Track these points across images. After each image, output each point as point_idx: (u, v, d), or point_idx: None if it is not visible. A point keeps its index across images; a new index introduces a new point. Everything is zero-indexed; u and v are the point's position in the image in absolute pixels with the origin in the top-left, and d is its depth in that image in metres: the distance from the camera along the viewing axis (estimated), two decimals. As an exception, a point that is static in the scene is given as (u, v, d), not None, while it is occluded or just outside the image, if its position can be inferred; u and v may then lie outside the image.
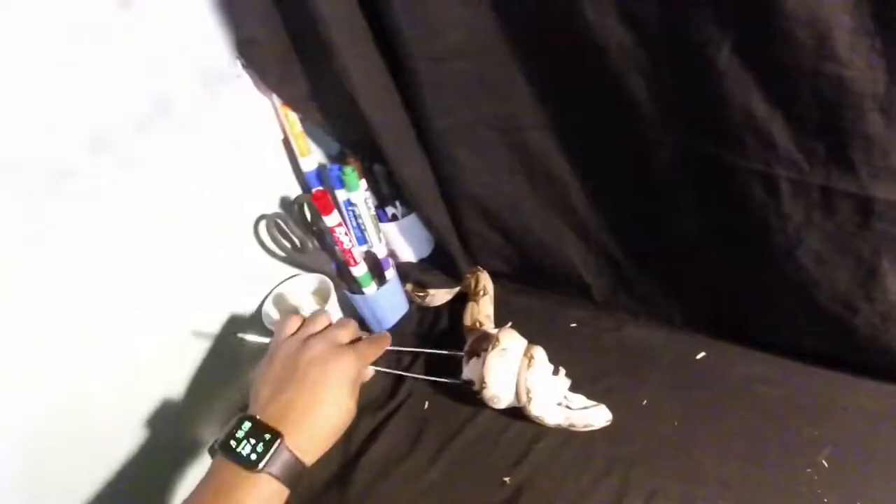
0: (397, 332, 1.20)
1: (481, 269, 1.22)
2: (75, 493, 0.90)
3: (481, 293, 1.16)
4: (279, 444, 0.72)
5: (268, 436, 0.72)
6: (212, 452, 0.76)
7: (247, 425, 0.74)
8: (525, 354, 0.93)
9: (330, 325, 0.89)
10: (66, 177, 0.77)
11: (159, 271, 0.92)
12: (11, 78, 0.70)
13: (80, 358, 0.86)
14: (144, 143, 0.85)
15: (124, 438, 0.96)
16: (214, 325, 1.04)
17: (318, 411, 0.77)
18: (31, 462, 0.84)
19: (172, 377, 1.00)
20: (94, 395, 0.88)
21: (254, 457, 0.71)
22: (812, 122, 0.73)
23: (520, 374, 0.91)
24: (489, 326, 1.07)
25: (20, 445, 0.82)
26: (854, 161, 0.73)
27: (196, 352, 1.02)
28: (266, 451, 0.71)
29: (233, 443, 0.72)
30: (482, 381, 0.93)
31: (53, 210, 0.77)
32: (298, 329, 0.87)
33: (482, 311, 1.12)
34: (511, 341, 0.94)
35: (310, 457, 0.75)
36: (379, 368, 0.97)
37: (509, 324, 1.04)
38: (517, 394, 0.92)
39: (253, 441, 0.72)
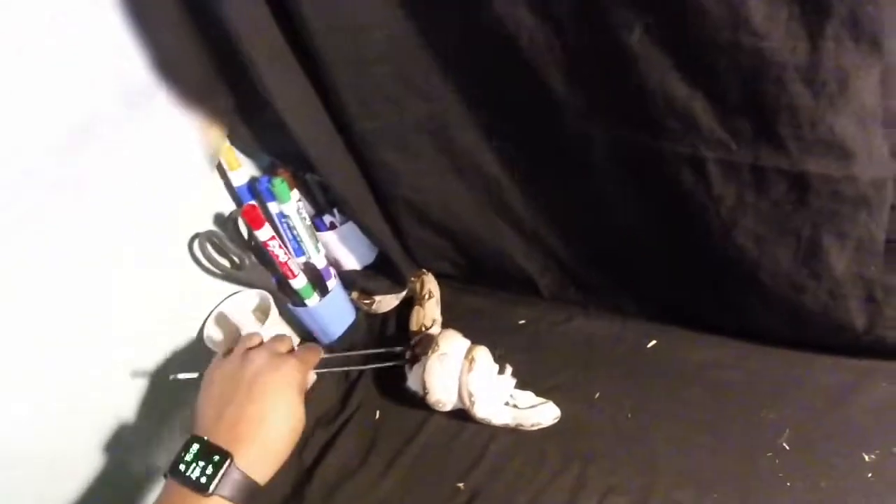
0: (345, 340, 1.18)
1: (426, 272, 1.21)
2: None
3: (427, 297, 1.14)
4: (229, 465, 0.70)
5: (217, 457, 0.70)
6: (165, 476, 0.74)
7: (195, 447, 0.72)
8: (466, 357, 0.91)
9: (263, 341, 0.88)
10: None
11: (93, 301, 0.89)
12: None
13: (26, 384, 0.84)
14: (64, 168, 0.82)
15: (75, 465, 0.93)
16: (154, 351, 1.01)
17: (268, 424, 0.75)
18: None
19: (115, 404, 0.97)
20: (36, 422, 0.86)
21: (203, 480, 0.69)
22: (734, 99, 0.71)
23: (461, 377, 0.90)
24: (436, 330, 1.05)
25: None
26: (782, 136, 0.71)
27: (135, 381, 0.99)
28: (216, 472, 0.69)
29: (182, 466, 0.70)
30: (424, 387, 0.92)
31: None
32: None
33: (428, 314, 1.11)
34: (451, 345, 0.93)
35: (263, 474, 0.74)
36: (325, 369, 0.97)
37: (439, 322, 1.06)
38: (460, 398, 0.91)
39: (202, 463, 0.70)
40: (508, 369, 0.95)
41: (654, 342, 1.01)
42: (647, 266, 0.98)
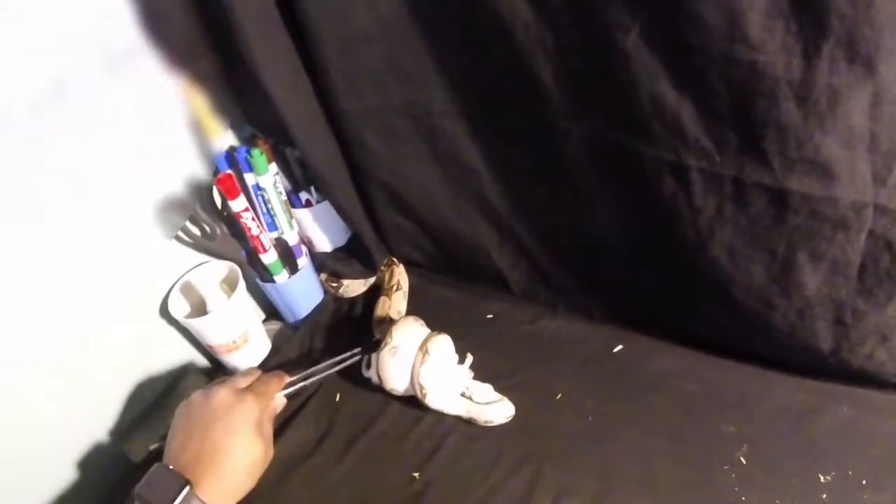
0: (312, 321, 1.17)
1: (396, 262, 1.19)
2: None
3: (394, 288, 1.13)
4: (187, 493, 0.73)
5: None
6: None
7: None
8: (420, 348, 0.91)
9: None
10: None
11: (57, 261, 0.88)
12: None
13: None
14: (40, 123, 0.80)
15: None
16: (116, 318, 0.99)
17: (227, 460, 0.79)
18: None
19: (69, 376, 0.95)
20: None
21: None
22: (723, 109, 0.70)
23: (413, 369, 0.90)
24: (398, 323, 1.05)
25: None
26: (767, 152, 0.71)
27: (96, 346, 0.97)
28: (174, 498, 0.72)
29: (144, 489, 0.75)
30: (379, 378, 0.93)
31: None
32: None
33: (394, 306, 1.10)
34: (403, 337, 0.93)
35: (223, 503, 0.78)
36: (292, 389, 0.96)
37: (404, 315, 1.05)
38: (412, 388, 0.91)
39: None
40: (468, 360, 0.95)
41: (620, 347, 1.00)
42: (619, 271, 0.97)
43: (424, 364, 0.89)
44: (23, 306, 0.85)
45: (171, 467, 0.76)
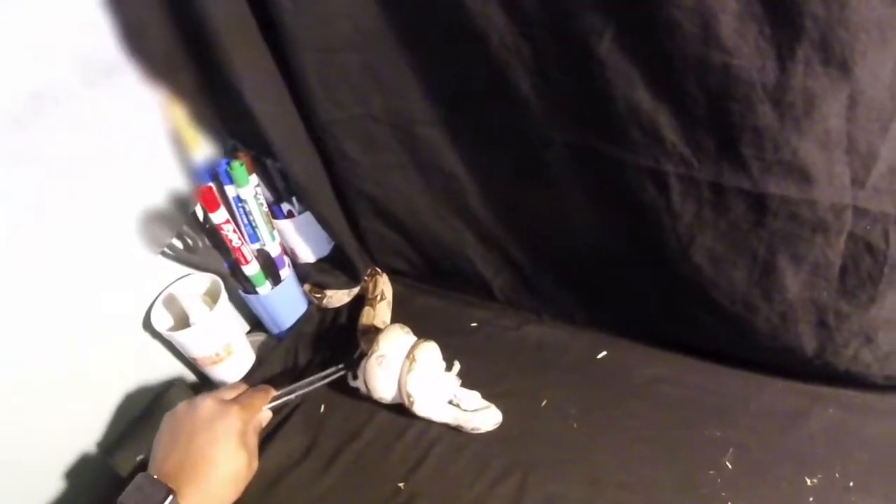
0: (296, 332, 1.17)
1: (380, 272, 1.20)
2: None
3: (378, 298, 1.13)
4: (170, 502, 0.73)
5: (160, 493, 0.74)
6: None
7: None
8: (407, 356, 0.91)
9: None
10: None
11: (39, 275, 0.88)
12: None
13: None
14: (20, 138, 0.80)
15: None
16: (99, 332, 0.98)
17: (210, 469, 0.79)
18: None
19: (54, 389, 0.94)
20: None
21: None
22: (699, 114, 0.70)
23: (400, 377, 0.90)
24: (383, 332, 1.04)
25: None
26: (745, 156, 0.71)
27: (79, 360, 0.96)
28: None
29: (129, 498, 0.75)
30: (366, 387, 0.93)
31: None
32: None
33: (379, 316, 1.10)
34: (391, 346, 0.93)
35: None
36: (277, 402, 0.96)
37: (388, 326, 1.03)
38: (400, 396, 0.91)
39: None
40: (456, 367, 0.95)
41: (604, 353, 1.00)
42: (602, 276, 0.97)
43: (411, 372, 0.89)
44: (5, 320, 0.85)
45: (154, 476, 0.76)
